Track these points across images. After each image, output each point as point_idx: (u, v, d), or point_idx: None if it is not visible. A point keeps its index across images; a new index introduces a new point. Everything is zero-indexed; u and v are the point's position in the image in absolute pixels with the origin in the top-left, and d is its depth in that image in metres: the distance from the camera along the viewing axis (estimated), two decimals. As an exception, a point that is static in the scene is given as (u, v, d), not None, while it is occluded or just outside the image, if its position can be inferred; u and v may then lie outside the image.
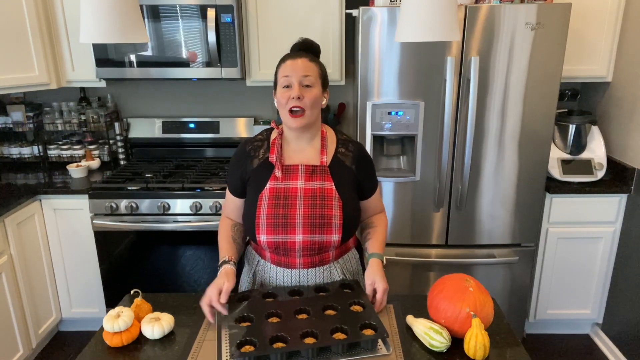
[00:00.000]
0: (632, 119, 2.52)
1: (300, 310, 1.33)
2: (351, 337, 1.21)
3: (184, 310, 1.43)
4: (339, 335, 1.22)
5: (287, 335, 1.21)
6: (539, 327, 2.86)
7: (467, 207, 2.46)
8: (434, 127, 2.35)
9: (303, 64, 1.41)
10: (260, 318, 1.29)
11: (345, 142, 1.53)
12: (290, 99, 1.39)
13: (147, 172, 2.74)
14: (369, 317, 1.28)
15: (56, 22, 2.62)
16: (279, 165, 1.46)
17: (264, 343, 1.19)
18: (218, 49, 2.52)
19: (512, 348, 1.26)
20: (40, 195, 2.57)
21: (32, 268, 2.54)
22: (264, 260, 1.53)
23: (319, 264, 1.48)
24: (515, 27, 2.21)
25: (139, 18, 1.25)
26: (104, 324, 1.27)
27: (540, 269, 2.67)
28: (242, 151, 1.53)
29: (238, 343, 1.19)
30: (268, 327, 1.25)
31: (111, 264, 2.61)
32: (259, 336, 1.21)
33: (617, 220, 2.58)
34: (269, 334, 1.22)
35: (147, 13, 2.48)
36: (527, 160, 2.40)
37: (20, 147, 2.98)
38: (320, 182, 1.45)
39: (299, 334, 1.22)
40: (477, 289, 1.26)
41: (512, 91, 2.30)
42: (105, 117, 2.94)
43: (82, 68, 2.68)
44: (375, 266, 1.45)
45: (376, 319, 1.27)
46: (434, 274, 2.56)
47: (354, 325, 1.24)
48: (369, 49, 2.26)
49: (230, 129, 3.02)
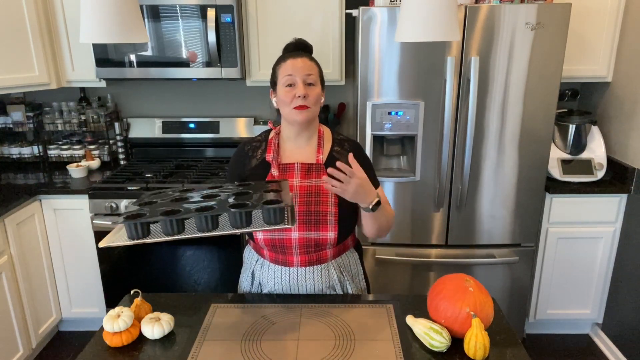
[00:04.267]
0: (632, 119, 2.52)
1: (209, 196, 1.28)
2: (251, 208, 1.17)
3: (184, 310, 1.43)
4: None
5: (180, 209, 1.17)
6: (539, 327, 2.86)
7: (467, 207, 2.46)
8: (434, 127, 2.35)
9: (305, 63, 1.42)
10: (165, 201, 1.25)
11: (342, 141, 1.55)
12: (296, 98, 1.40)
13: (147, 172, 2.74)
14: (280, 197, 1.23)
15: (56, 22, 2.62)
16: (275, 164, 1.48)
17: (155, 212, 1.14)
18: (218, 49, 2.52)
19: (512, 348, 1.26)
20: (40, 195, 2.57)
21: (32, 268, 2.54)
22: (262, 259, 1.53)
23: (317, 262, 1.49)
24: (515, 27, 2.21)
25: (139, 18, 1.25)
26: (104, 324, 1.27)
27: (540, 269, 2.67)
28: (241, 151, 1.56)
29: (128, 215, 1.15)
30: (168, 206, 1.21)
31: (111, 264, 2.62)
32: (152, 211, 1.17)
33: (617, 220, 2.58)
34: (164, 210, 1.18)
35: (147, 13, 2.48)
36: (527, 160, 2.40)
37: (20, 147, 2.98)
38: (316, 179, 1.46)
39: (194, 208, 1.18)
40: (477, 289, 1.26)
41: (512, 91, 2.30)
42: (105, 117, 2.94)
43: (82, 68, 2.68)
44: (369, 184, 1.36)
45: (287, 198, 1.22)
46: (434, 274, 2.56)
47: (257, 201, 1.21)
48: (369, 49, 2.26)
49: (230, 129, 3.02)
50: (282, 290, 1.51)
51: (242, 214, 1.17)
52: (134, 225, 1.13)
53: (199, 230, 1.17)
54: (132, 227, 1.13)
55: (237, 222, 1.17)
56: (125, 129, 3.02)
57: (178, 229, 1.16)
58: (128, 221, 1.13)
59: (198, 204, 1.22)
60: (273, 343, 1.26)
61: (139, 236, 1.14)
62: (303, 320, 1.36)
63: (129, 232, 1.15)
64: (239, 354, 1.22)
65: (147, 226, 1.16)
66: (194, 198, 1.29)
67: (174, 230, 1.15)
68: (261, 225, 1.21)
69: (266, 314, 1.39)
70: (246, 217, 1.18)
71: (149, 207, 1.23)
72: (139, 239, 1.15)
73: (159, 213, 1.17)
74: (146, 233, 1.16)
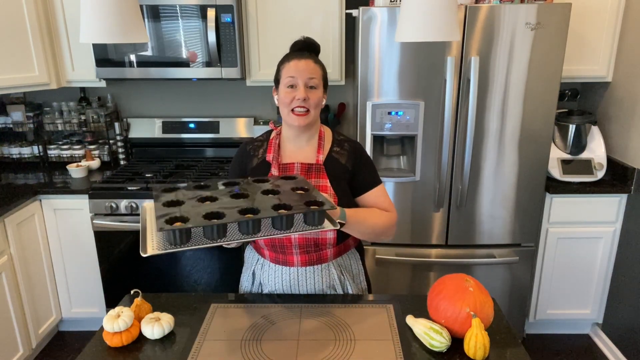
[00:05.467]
0: (632, 119, 2.52)
1: (237, 195, 1.20)
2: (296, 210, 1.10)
3: (184, 310, 1.43)
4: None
5: (223, 212, 1.09)
6: (539, 327, 2.86)
7: (467, 207, 2.46)
8: (434, 127, 2.35)
9: (308, 65, 1.42)
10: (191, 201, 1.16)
11: (341, 141, 1.55)
12: (295, 100, 1.40)
13: (147, 172, 2.74)
14: (314, 197, 1.19)
15: (56, 22, 2.62)
16: (275, 164, 1.48)
17: (197, 218, 1.05)
18: (218, 49, 2.52)
19: (512, 348, 1.26)
20: (40, 195, 2.57)
21: (32, 268, 2.54)
22: (263, 259, 1.54)
23: (317, 262, 1.49)
24: (515, 27, 2.21)
25: (139, 18, 1.25)
26: (104, 324, 1.27)
27: (540, 269, 2.67)
28: (242, 151, 1.57)
29: (167, 219, 1.05)
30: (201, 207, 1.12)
31: (111, 264, 2.61)
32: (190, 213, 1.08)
33: (617, 220, 2.57)
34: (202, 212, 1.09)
35: (147, 13, 2.48)
36: (527, 160, 2.40)
37: (20, 147, 2.98)
38: (316, 179, 1.46)
39: (236, 210, 1.10)
40: (477, 289, 1.26)
41: (512, 91, 2.30)
42: (105, 117, 2.94)
43: (82, 68, 2.68)
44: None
45: (321, 197, 1.19)
46: (434, 274, 2.56)
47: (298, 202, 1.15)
48: (369, 49, 2.26)
49: (230, 129, 3.02)
50: (283, 290, 1.51)
51: (285, 218, 1.12)
52: (178, 232, 1.04)
53: (243, 234, 1.11)
54: (175, 233, 1.04)
55: (281, 225, 1.12)
56: (125, 129, 3.02)
57: (220, 234, 1.09)
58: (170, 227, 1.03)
59: (232, 205, 1.14)
60: (273, 343, 1.26)
61: (182, 242, 1.06)
62: (303, 320, 1.36)
63: (169, 238, 1.06)
64: (239, 354, 1.22)
65: (189, 231, 1.09)
66: (222, 196, 1.22)
67: (218, 235, 1.08)
68: (302, 228, 1.16)
69: (266, 314, 1.39)
70: (288, 219, 1.13)
71: (178, 208, 1.14)
72: (181, 246, 1.06)
73: (199, 216, 1.08)
74: (189, 238, 1.08)
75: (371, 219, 1.46)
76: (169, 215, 1.08)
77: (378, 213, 1.49)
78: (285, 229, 1.15)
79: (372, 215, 1.47)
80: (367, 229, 1.45)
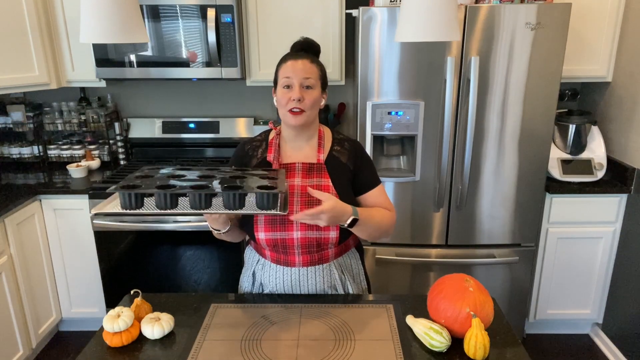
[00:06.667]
0: (632, 119, 2.52)
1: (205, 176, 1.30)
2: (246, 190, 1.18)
3: (184, 310, 1.43)
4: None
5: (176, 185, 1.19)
6: (539, 327, 2.86)
7: (467, 207, 2.46)
8: (434, 127, 2.35)
9: (304, 65, 1.42)
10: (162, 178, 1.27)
11: (341, 140, 1.55)
12: (291, 100, 1.40)
13: (147, 172, 2.74)
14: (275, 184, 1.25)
15: (56, 22, 2.62)
16: (276, 164, 1.48)
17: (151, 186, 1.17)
18: (218, 49, 2.52)
19: (512, 348, 1.26)
20: (40, 195, 2.57)
21: (32, 268, 2.54)
22: (264, 259, 1.53)
23: (318, 262, 1.49)
24: (515, 27, 2.21)
25: (139, 18, 1.25)
26: (104, 324, 1.27)
27: (540, 269, 2.67)
28: (241, 151, 1.56)
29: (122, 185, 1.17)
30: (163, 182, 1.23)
31: (111, 264, 2.62)
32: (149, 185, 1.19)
33: (617, 220, 2.58)
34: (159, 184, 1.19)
35: (147, 13, 2.48)
36: (527, 160, 2.40)
37: (20, 147, 2.98)
38: (317, 179, 1.46)
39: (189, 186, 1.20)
40: (477, 289, 1.26)
41: (512, 91, 2.30)
42: (105, 117, 2.94)
43: (82, 68, 2.68)
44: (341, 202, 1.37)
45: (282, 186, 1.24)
46: (434, 274, 2.56)
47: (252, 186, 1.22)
48: (369, 49, 2.26)
49: (230, 129, 3.02)
50: (283, 290, 1.51)
51: (235, 196, 1.18)
52: (128, 195, 1.15)
53: (192, 207, 1.19)
54: (126, 196, 1.15)
55: (230, 203, 1.19)
56: (125, 129, 3.02)
57: (171, 204, 1.18)
58: (123, 190, 1.15)
59: (193, 182, 1.24)
60: (273, 343, 1.26)
61: (132, 206, 1.17)
62: (303, 320, 1.36)
63: (122, 202, 1.17)
64: (239, 354, 1.22)
65: (142, 198, 1.19)
66: (190, 176, 1.31)
67: (167, 205, 1.17)
68: (253, 209, 1.21)
69: (266, 314, 1.39)
70: (239, 199, 1.19)
71: (145, 180, 1.25)
72: (132, 209, 1.17)
73: (154, 186, 1.19)
74: (140, 204, 1.18)
75: (377, 218, 1.47)
76: (127, 183, 1.19)
77: (382, 212, 1.50)
78: (234, 209, 1.21)
79: (377, 215, 1.48)
80: (374, 227, 1.46)
